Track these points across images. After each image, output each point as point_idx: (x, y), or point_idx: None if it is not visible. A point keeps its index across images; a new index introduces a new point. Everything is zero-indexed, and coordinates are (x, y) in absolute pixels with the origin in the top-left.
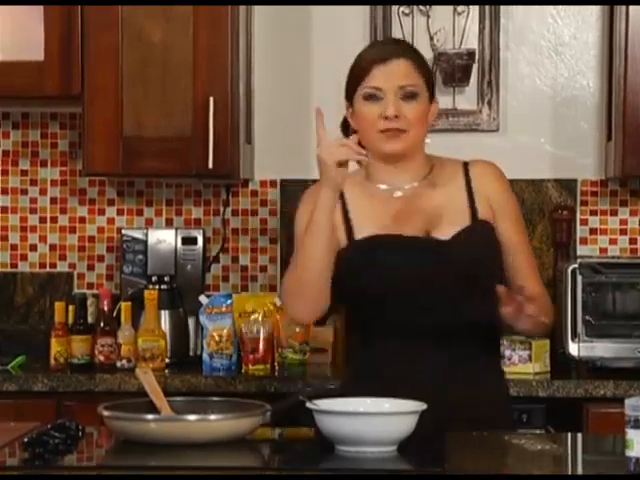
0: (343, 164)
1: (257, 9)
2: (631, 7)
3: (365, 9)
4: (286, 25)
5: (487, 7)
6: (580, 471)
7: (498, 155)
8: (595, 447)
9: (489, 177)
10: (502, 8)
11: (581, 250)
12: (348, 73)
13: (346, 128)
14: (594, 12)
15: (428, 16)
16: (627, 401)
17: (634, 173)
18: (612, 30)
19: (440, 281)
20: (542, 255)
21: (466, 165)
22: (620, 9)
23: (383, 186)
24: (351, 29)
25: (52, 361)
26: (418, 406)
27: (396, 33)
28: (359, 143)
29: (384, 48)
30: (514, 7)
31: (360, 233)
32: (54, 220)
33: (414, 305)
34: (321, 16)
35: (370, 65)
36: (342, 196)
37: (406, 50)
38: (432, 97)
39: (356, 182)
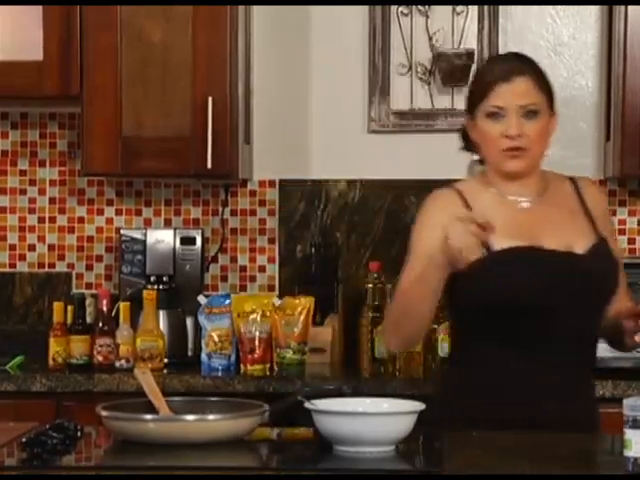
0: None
1: (256, 9)
2: (630, 7)
3: (364, 9)
4: (285, 25)
5: (486, 7)
6: (576, 472)
7: None
8: (593, 447)
9: (599, 196)
10: (501, 8)
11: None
12: (470, 86)
13: (465, 137)
14: (593, 12)
15: (427, 16)
16: (625, 401)
17: (633, 173)
18: (611, 30)
19: (577, 295)
20: None
21: (574, 181)
22: (619, 9)
23: (511, 197)
24: (350, 29)
25: (51, 361)
26: (417, 406)
27: (395, 33)
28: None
29: (507, 65)
30: (513, 7)
31: (499, 244)
32: (53, 220)
33: (550, 317)
34: (320, 16)
35: (493, 83)
36: (467, 205)
37: (528, 67)
38: (552, 110)
39: (479, 189)
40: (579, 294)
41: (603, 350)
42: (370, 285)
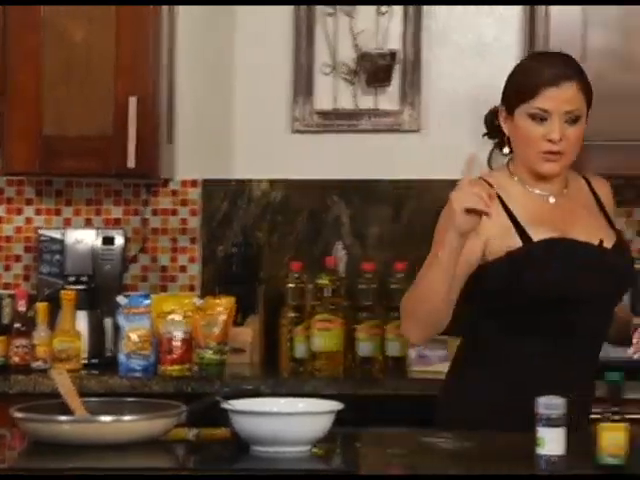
0: (471, 212)
1: (181, 9)
2: (552, 9)
3: (289, 9)
4: (210, 25)
5: (410, 8)
6: (491, 470)
7: (419, 155)
8: (508, 445)
9: (610, 195)
10: (425, 9)
11: None
12: (512, 82)
13: (491, 124)
14: (516, 13)
15: (352, 17)
16: (538, 399)
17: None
18: (533, 32)
19: (604, 289)
20: None
21: (587, 179)
22: (541, 11)
23: (538, 191)
24: (274, 29)
25: None
26: (334, 406)
27: (320, 33)
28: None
29: (556, 69)
30: (437, 8)
31: (536, 235)
32: None
33: (577, 311)
34: (245, 16)
35: (541, 86)
36: (498, 196)
37: (576, 73)
38: (588, 115)
39: (507, 182)
40: (606, 288)
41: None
42: (291, 285)
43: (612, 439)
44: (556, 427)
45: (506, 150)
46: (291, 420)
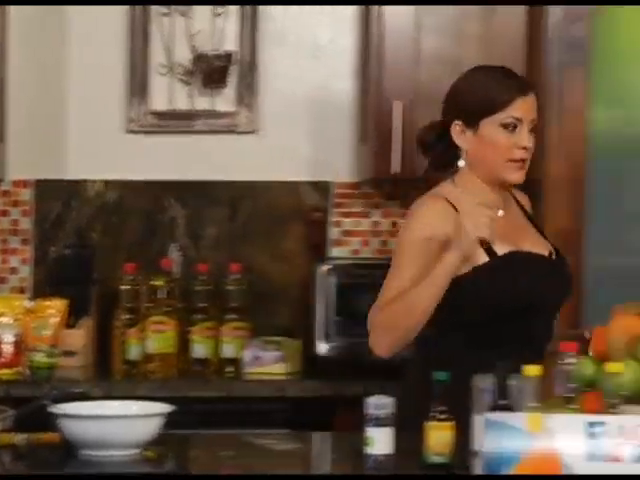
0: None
1: (12, 9)
2: (386, 12)
3: (124, 9)
4: (42, 24)
5: (247, 9)
6: (322, 470)
7: (255, 157)
8: (340, 445)
9: (530, 207)
10: (261, 9)
11: (334, 252)
12: (474, 96)
13: (422, 140)
14: (351, 15)
15: (187, 17)
16: (368, 400)
17: (385, 176)
18: (368, 34)
19: (557, 297)
20: (296, 257)
21: (512, 193)
22: (375, 13)
23: (488, 204)
24: (109, 29)
25: None
26: (164, 408)
27: (155, 34)
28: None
29: (517, 79)
30: (273, 9)
31: (499, 249)
32: None
33: (535, 318)
34: (75, 16)
35: (515, 96)
36: (455, 208)
37: (532, 85)
38: None
39: (460, 197)
40: (562, 296)
41: (355, 350)
42: (125, 287)
43: (438, 438)
44: (384, 427)
45: (462, 163)
46: (119, 423)
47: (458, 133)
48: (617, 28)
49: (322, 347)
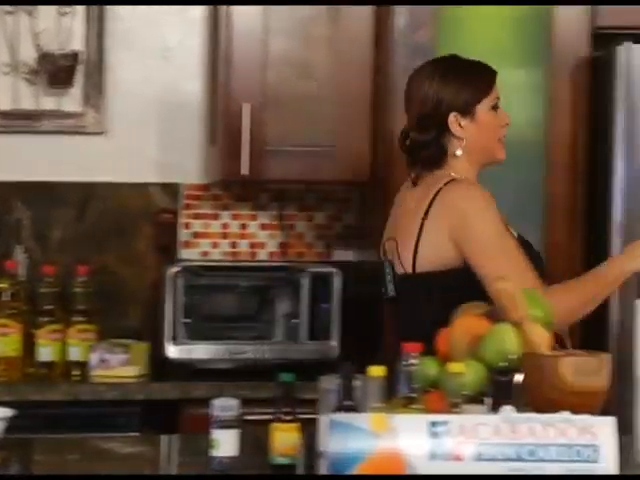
0: None
1: None
2: (234, 13)
3: None
4: None
5: (94, 8)
6: (167, 471)
7: (104, 158)
8: (186, 448)
9: None
10: (108, 10)
11: (184, 254)
12: (467, 83)
13: (415, 141)
14: (200, 16)
15: (32, 16)
16: (213, 402)
17: (234, 178)
18: (216, 36)
19: None
20: (146, 259)
21: None
22: (223, 14)
23: None
24: None
25: None
26: (5, 412)
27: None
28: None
29: (486, 64)
30: (120, 9)
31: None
32: None
33: None
34: None
35: (493, 77)
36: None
37: None
38: None
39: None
40: None
41: (202, 352)
42: None
43: (283, 439)
44: (230, 429)
45: (459, 152)
46: None
47: (458, 125)
48: (461, 30)
49: (170, 349)
